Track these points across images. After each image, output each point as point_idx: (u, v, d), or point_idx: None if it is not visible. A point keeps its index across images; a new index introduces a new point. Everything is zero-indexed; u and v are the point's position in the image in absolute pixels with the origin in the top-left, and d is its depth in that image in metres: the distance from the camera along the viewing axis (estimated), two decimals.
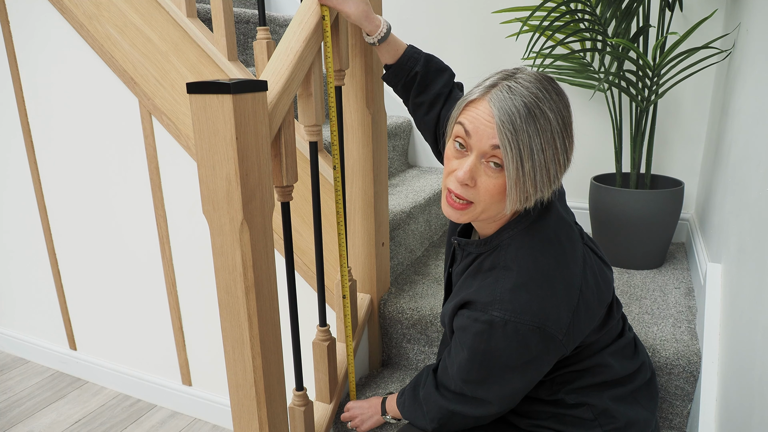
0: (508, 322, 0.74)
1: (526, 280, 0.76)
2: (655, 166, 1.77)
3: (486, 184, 0.73)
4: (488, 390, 0.82)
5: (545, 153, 0.70)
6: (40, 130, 1.75)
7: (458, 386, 0.85)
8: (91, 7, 1.45)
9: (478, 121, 0.72)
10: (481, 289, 0.79)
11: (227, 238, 0.84)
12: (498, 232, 0.81)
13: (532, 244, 0.78)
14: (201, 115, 0.79)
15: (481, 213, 0.77)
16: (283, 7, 2.42)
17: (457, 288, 0.86)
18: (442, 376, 0.89)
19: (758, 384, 0.75)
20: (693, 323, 1.22)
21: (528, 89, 0.70)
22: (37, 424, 1.73)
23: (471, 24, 1.90)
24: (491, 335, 0.76)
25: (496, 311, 0.75)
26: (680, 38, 1.25)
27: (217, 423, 1.72)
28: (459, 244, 0.89)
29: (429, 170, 2.03)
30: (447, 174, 0.78)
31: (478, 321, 0.77)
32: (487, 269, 0.81)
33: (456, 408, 0.87)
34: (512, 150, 0.69)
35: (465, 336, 0.79)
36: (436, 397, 0.90)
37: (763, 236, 0.84)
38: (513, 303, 0.74)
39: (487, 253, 0.82)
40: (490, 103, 0.71)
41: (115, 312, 1.82)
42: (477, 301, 0.78)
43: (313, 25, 0.96)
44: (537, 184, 0.72)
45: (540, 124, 0.69)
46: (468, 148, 0.74)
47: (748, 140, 1.04)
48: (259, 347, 0.88)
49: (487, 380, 0.81)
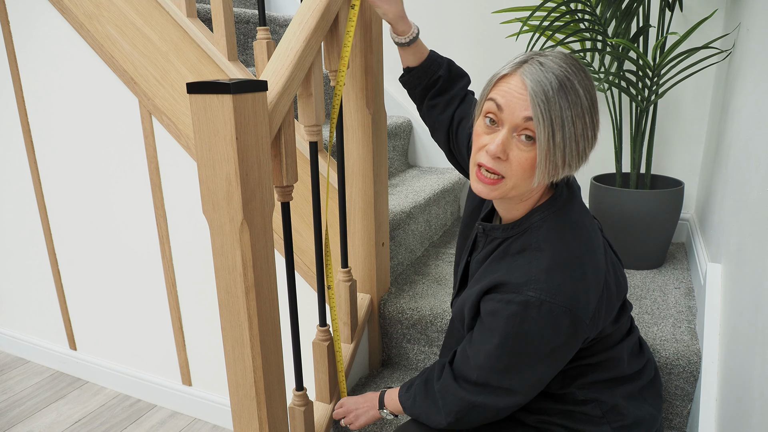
0: (544, 302, 0.73)
1: (560, 261, 0.75)
2: (655, 166, 1.77)
3: (518, 157, 0.73)
4: (515, 378, 0.79)
5: (575, 126, 0.71)
6: (39, 130, 1.75)
7: (482, 376, 0.82)
8: (91, 6, 1.45)
9: (510, 94, 0.73)
10: (513, 270, 0.77)
11: (227, 238, 0.84)
12: (528, 214, 0.81)
13: (563, 227, 0.79)
14: (201, 115, 0.79)
15: (511, 189, 0.76)
16: (283, 7, 2.42)
17: (479, 274, 0.85)
18: (461, 367, 0.85)
19: (758, 384, 0.75)
20: (693, 323, 1.22)
21: (559, 65, 0.72)
22: (37, 424, 1.73)
23: (471, 24, 1.90)
24: (525, 317, 0.74)
25: (531, 291, 0.74)
26: (680, 38, 1.25)
27: (217, 423, 1.72)
28: (484, 229, 0.87)
29: (429, 170, 2.03)
30: (477, 150, 0.77)
31: (512, 303, 0.75)
32: (515, 252, 0.80)
33: (477, 399, 0.83)
34: (544, 120, 0.70)
35: (496, 320, 0.77)
36: (455, 389, 0.86)
37: (763, 236, 0.84)
38: (548, 283, 0.74)
39: (515, 236, 0.81)
40: (522, 76, 0.72)
41: (115, 312, 1.82)
42: (510, 283, 0.76)
43: (313, 25, 0.96)
44: (566, 156, 0.72)
45: (571, 98, 0.71)
46: (499, 122, 0.75)
47: (748, 140, 1.04)
48: (259, 347, 0.88)
49: (515, 367, 0.78)
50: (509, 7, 1.73)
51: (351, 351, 1.28)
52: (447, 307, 1.33)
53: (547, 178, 0.74)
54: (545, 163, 0.72)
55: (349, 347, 1.29)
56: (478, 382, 0.83)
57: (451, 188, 1.89)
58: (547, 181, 0.75)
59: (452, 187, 1.90)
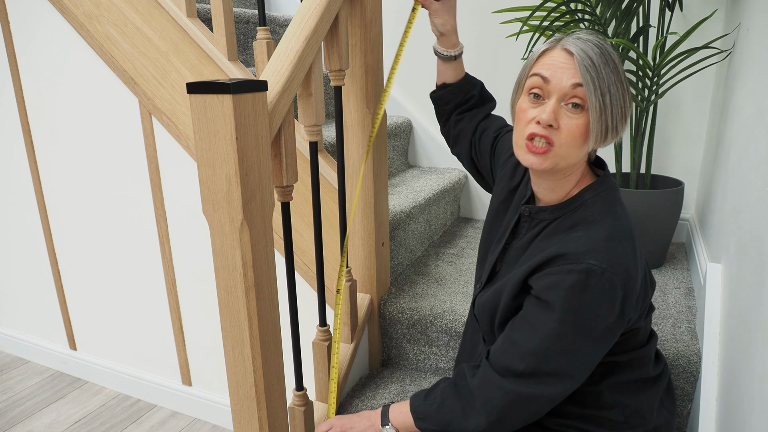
0: (605, 271, 0.73)
1: (616, 235, 0.76)
2: (655, 166, 1.77)
3: (568, 125, 0.76)
4: (573, 360, 0.75)
5: (618, 89, 0.75)
6: (40, 130, 1.75)
7: (534, 362, 0.76)
8: (91, 6, 1.45)
9: (555, 66, 0.76)
10: (569, 242, 0.77)
11: (227, 238, 0.84)
12: (580, 192, 0.82)
13: (616, 205, 0.81)
14: (201, 115, 0.79)
15: (561, 158, 0.77)
16: (283, 7, 2.42)
17: (524, 258, 0.84)
18: (505, 358, 0.79)
19: (758, 384, 0.75)
20: (693, 323, 1.22)
21: (594, 38, 0.77)
22: (37, 424, 1.73)
23: (471, 24, 1.90)
24: (586, 287, 0.73)
25: (592, 259, 0.73)
26: (680, 38, 1.25)
27: (217, 423, 1.72)
28: (530, 212, 0.87)
29: (429, 170, 2.03)
30: (526, 123, 0.79)
31: (573, 272, 0.73)
32: (566, 228, 0.80)
33: (527, 390, 0.77)
34: (593, 83, 0.74)
35: (555, 293, 0.74)
36: (500, 381, 0.79)
37: (763, 236, 0.84)
38: (608, 253, 0.74)
39: (566, 215, 0.82)
40: (565, 46, 0.76)
41: (115, 312, 1.82)
42: (568, 253, 0.75)
43: (313, 25, 0.97)
44: (615, 119, 0.76)
45: (611, 64, 0.75)
46: (545, 95, 0.77)
47: (748, 140, 1.04)
48: (259, 347, 0.88)
49: (574, 347, 0.75)
50: (509, 7, 1.73)
51: (351, 351, 1.28)
52: (447, 307, 1.33)
53: (599, 141, 0.77)
54: (598, 125, 0.75)
55: (349, 347, 1.29)
56: (526, 371, 0.77)
57: (451, 188, 1.89)
58: (598, 145, 0.78)
59: (452, 187, 1.90)
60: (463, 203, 2.07)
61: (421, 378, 1.36)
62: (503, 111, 1.93)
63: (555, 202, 0.84)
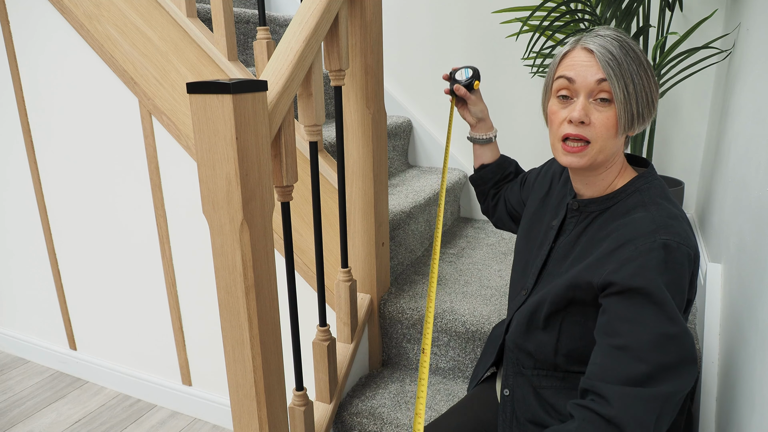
0: (680, 245, 0.72)
1: (677, 213, 0.78)
2: (655, 166, 1.77)
3: (600, 119, 0.78)
4: (685, 337, 0.69)
5: (642, 78, 0.78)
6: (40, 130, 1.75)
7: (655, 358, 0.68)
8: (91, 7, 1.45)
9: (578, 66, 0.79)
10: (633, 225, 0.76)
11: (227, 238, 0.84)
12: (631, 181, 0.83)
13: (667, 192, 0.83)
14: (201, 115, 0.79)
15: (599, 152, 0.79)
16: (283, 7, 2.42)
17: (578, 253, 0.82)
18: (619, 371, 0.69)
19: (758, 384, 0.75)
20: (693, 323, 1.22)
21: (611, 33, 0.80)
22: (37, 424, 1.73)
23: (471, 24, 1.90)
24: (669, 260, 0.71)
25: (664, 236, 0.73)
26: (680, 38, 1.25)
27: (217, 423, 1.73)
28: (579, 205, 0.87)
29: (429, 170, 2.03)
30: (558, 125, 0.81)
31: (653, 250, 0.71)
32: (622, 214, 0.81)
33: (665, 389, 0.68)
34: (616, 76, 0.76)
35: (644, 277, 0.70)
36: (633, 392, 0.67)
37: (763, 236, 0.84)
38: (676, 228, 0.74)
39: (618, 202, 0.83)
40: (584, 46, 0.79)
41: (115, 312, 1.82)
42: (638, 235, 0.74)
43: (313, 25, 0.97)
44: (640, 106, 0.78)
45: (632, 55, 0.78)
46: (573, 94, 0.80)
47: (748, 140, 1.04)
48: (259, 347, 0.88)
49: (680, 324, 0.69)
50: (509, 7, 1.73)
51: (351, 351, 1.29)
52: (447, 307, 1.33)
53: (627, 128, 0.79)
54: (624, 114, 0.77)
55: (349, 347, 1.29)
56: (653, 370, 0.68)
57: (451, 188, 1.89)
58: (627, 132, 0.80)
59: (452, 187, 1.90)
60: (463, 203, 2.07)
61: None
62: (508, 106, 1.93)
63: (598, 195, 0.86)
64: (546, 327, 0.83)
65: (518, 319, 0.88)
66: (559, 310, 0.82)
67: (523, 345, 0.88)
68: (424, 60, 2.01)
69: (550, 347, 0.83)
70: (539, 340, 0.84)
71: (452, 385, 1.33)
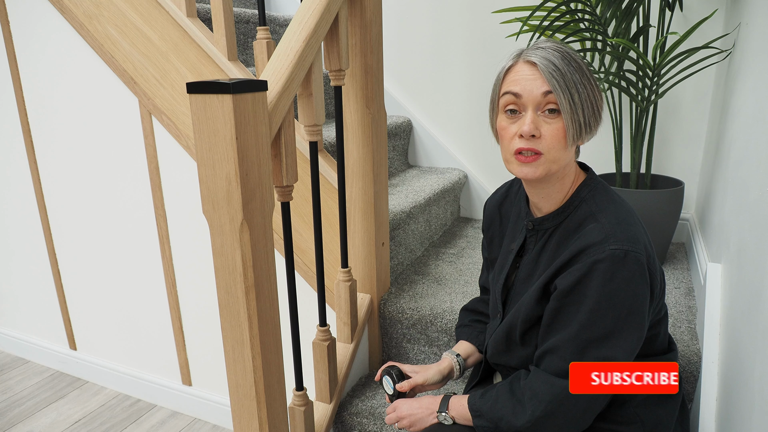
0: (628, 252, 0.76)
1: (623, 218, 0.80)
2: (655, 166, 1.77)
3: (549, 130, 0.79)
4: (615, 344, 0.77)
5: (585, 87, 0.79)
6: (40, 130, 1.75)
7: (577, 354, 0.78)
8: (91, 6, 1.44)
9: (523, 80, 0.80)
10: (585, 237, 0.79)
11: (227, 238, 0.84)
12: (575, 192, 0.85)
13: (610, 194, 0.85)
14: (201, 115, 0.79)
15: (552, 163, 0.80)
16: (283, 7, 2.42)
17: (541, 268, 0.86)
18: (550, 360, 0.81)
19: (758, 384, 0.75)
20: (693, 323, 1.22)
21: (551, 44, 0.80)
22: (37, 424, 1.73)
23: (471, 24, 1.90)
24: (615, 271, 0.75)
25: (612, 245, 0.76)
26: (680, 38, 1.25)
27: (217, 423, 1.72)
28: (534, 224, 0.89)
29: (429, 170, 2.03)
30: (510, 140, 0.82)
31: (598, 261, 0.76)
32: (575, 227, 0.83)
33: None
34: (561, 87, 0.77)
35: (587, 285, 0.77)
36: (548, 378, 0.80)
37: (763, 236, 0.84)
38: (625, 233, 0.77)
39: (568, 217, 0.85)
40: (527, 59, 0.80)
41: (115, 312, 1.82)
42: (588, 246, 0.78)
43: (313, 25, 0.96)
44: (586, 115, 0.80)
45: (574, 65, 0.79)
46: (521, 109, 0.81)
47: (748, 140, 1.04)
48: (259, 347, 0.88)
49: (614, 331, 0.77)
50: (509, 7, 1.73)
51: (351, 351, 1.29)
52: (447, 307, 1.33)
53: (576, 138, 0.80)
54: (572, 124, 0.78)
55: (349, 347, 1.29)
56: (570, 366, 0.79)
57: (451, 188, 1.89)
58: (577, 141, 0.81)
59: (452, 187, 1.90)
60: (463, 203, 2.07)
61: None
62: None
63: (556, 207, 0.86)
64: (524, 343, 0.88)
65: (495, 342, 0.93)
66: (534, 326, 0.86)
67: (506, 362, 0.94)
68: (424, 60, 2.01)
69: (533, 358, 0.86)
70: (520, 355, 0.89)
71: (452, 384, 1.33)
